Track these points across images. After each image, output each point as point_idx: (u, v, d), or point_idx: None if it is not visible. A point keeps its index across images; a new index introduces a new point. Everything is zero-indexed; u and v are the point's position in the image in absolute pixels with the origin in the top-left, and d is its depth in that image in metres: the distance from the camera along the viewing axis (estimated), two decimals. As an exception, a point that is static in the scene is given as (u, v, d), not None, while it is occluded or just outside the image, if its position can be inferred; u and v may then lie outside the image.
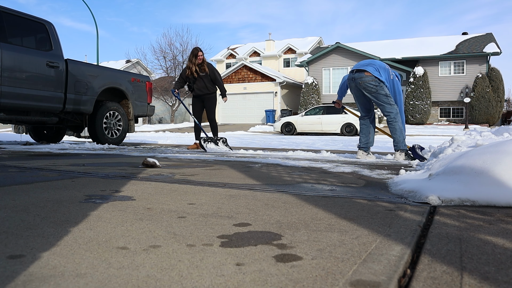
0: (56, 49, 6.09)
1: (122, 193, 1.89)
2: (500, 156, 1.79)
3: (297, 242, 1.10)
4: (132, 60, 37.28)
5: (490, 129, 3.99)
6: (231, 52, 34.56)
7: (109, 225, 1.26)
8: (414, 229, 1.26)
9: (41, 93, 5.80)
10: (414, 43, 26.73)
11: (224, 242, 1.08)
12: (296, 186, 2.24)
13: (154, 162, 3.22)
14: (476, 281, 0.82)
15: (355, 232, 1.22)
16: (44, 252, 0.97)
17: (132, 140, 9.76)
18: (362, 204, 1.71)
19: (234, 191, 2.02)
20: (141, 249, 1.01)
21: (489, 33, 26.00)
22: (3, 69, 5.27)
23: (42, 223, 1.27)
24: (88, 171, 2.82)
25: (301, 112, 20.39)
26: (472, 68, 23.87)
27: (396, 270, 0.87)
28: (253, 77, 28.45)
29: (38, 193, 1.84)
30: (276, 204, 1.66)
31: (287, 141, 10.62)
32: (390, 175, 2.85)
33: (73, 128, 7.24)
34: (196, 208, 1.56)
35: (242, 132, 19.29)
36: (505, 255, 0.99)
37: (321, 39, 34.25)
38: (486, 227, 1.29)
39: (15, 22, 5.67)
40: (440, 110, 24.95)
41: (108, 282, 0.79)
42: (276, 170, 3.17)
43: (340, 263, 0.92)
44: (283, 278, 0.82)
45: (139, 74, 7.85)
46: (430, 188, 1.84)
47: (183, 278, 0.82)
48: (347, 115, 17.40)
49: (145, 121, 32.82)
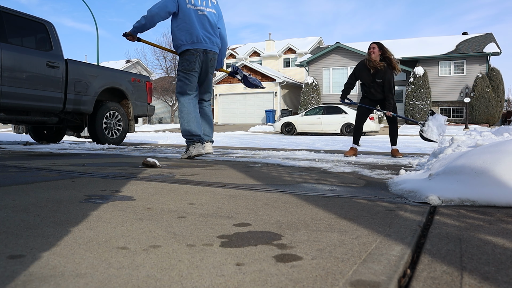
0: (56, 49, 6.09)
1: (122, 193, 1.89)
2: (500, 156, 1.79)
3: (297, 242, 1.10)
4: (132, 60, 37.29)
5: (490, 129, 3.99)
6: (231, 52, 34.57)
7: (109, 225, 1.26)
8: (414, 229, 1.26)
9: (41, 93, 5.80)
10: (414, 43, 26.74)
11: (224, 242, 1.08)
12: (296, 186, 2.24)
13: (154, 162, 3.22)
14: (476, 281, 0.82)
15: (355, 232, 1.22)
16: (44, 252, 0.97)
17: (132, 140, 9.76)
18: (362, 204, 1.71)
19: (234, 191, 2.02)
20: (141, 249, 1.01)
21: (489, 33, 26.01)
22: (3, 69, 5.27)
23: (42, 223, 1.27)
24: (88, 171, 2.82)
25: (301, 112, 20.40)
26: (472, 68, 23.88)
27: (396, 270, 0.87)
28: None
29: (38, 193, 1.84)
30: (276, 204, 1.66)
31: (287, 141, 10.62)
32: (390, 175, 2.85)
33: (73, 128, 7.24)
34: (196, 208, 1.56)
35: (242, 132, 19.29)
36: (505, 255, 0.99)
37: (321, 39, 34.26)
38: (486, 227, 1.29)
39: (15, 22, 5.67)
40: (440, 110, 24.94)
41: (108, 282, 0.79)
42: (276, 170, 3.17)
43: (340, 263, 0.92)
44: (283, 278, 0.82)
45: (139, 74, 7.85)
46: (430, 188, 1.84)
47: (183, 278, 0.82)
48: (347, 115, 17.41)
49: (145, 121, 32.82)
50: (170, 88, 30.85)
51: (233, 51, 34.56)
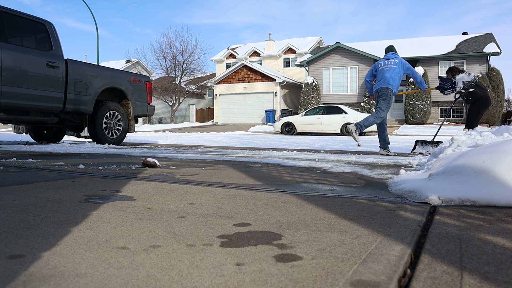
0: (56, 49, 6.09)
1: (122, 193, 1.89)
2: (500, 156, 1.79)
3: (297, 242, 1.10)
4: (132, 60, 37.27)
5: (490, 129, 3.99)
6: (231, 52, 34.55)
7: (109, 225, 1.25)
8: (414, 229, 1.26)
9: (41, 93, 5.80)
10: (414, 43, 26.71)
11: (224, 242, 1.08)
12: (296, 186, 2.23)
13: (154, 162, 3.22)
14: (476, 281, 0.82)
15: (355, 232, 1.22)
16: (44, 252, 0.97)
17: (132, 140, 9.76)
18: (362, 204, 1.71)
19: (234, 191, 2.02)
20: (141, 249, 1.01)
21: (489, 33, 26.00)
22: (3, 69, 5.27)
23: (42, 223, 1.27)
24: (88, 171, 2.82)
25: (301, 112, 20.38)
26: (472, 68, 23.86)
27: (396, 270, 0.87)
28: (253, 77, 28.44)
29: (38, 193, 1.84)
30: (276, 204, 1.66)
31: (287, 141, 10.62)
32: (390, 175, 2.85)
33: (73, 128, 7.24)
34: (196, 208, 1.56)
35: (242, 132, 19.29)
36: (505, 255, 0.99)
37: (321, 39, 34.24)
38: (486, 227, 1.28)
39: (15, 22, 5.66)
40: (440, 110, 24.95)
41: (108, 282, 0.79)
42: (276, 170, 3.17)
43: (340, 263, 0.92)
44: (283, 278, 0.82)
45: (139, 74, 7.84)
46: (430, 188, 1.84)
47: (183, 278, 0.82)
48: (347, 115, 17.40)
49: (145, 121, 32.81)
50: (170, 88, 30.84)
51: (233, 51, 34.53)
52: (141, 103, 7.60)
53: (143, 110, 7.67)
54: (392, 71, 5.76)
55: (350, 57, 25.83)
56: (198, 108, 37.60)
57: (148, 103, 7.82)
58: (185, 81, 33.85)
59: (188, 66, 31.67)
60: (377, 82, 6.01)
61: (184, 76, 32.38)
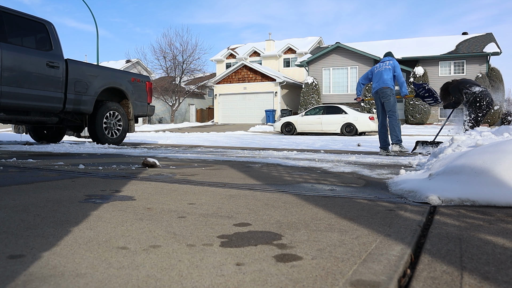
0: (56, 49, 6.09)
1: (122, 193, 1.89)
2: (500, 156, 1.79)
3: (297, 242, 1.10)
4: (132, 60, 37.26)
5: (490, 129, 3.99)
6: (231, 52, 34.55)
7: (109, 225, 1.26)
8: (414, 229, 1.26)
9: (41, 93, 5.80)
10: (414, 43, 26.72)
11: (224, 242, 1.08)
12: (296, 186, 2.23)
13: (154, 162, 3.22)
14: (476, 281, 0.82)
15: (355, 232, 1.22)
16: (44, 252, 0.97)
17: (132, 140, 9.76)
18: (362, 204, 1.71)
19: (234, 191, 2.02)
20: (141, 249, 1.01)
21: (489, 33, 25.99)
22: (3, 69, 5.27)
23: (42, 223, 1.27)
24: (88, 171, 2.82)
25: (301, 112, 20.38)
26: (472, 68, 23.86)
27: (396, 270, 0.87)
28: (253, 77, 28.44)
29: (38, 193, 1.84)
30: (276, 204, 1.66)
31: (287, 141, 10.62)
32: (390, 175, 2.85)
33: (73, 128, 7.24)
34: (196, 208, 1.56)
35: (242, 132, 19.29)
36: (505, 255, 0.99)
37: (321, 39, 34.23)
38: (486, 227, 1.28)
39: (15, 22, 5.66)
40: (440, 110, 24.95)
41: (108, 282, 0.79)
42: (276, 170, 3.17)
43: (340, 263, 0.92)
44: (283, 278, 0.82)
45: (139, 74, 7.85)
46: (430, 188, 1.84)
47: (183, 278, 0.82)
48: (347, 115, 17.39)
49: (145, 121, 32.81)
50: (170, 88, 30.83)
51: (233, 51, 34.54)
52: (141, 103, 7.60)
53: (143, 110, 7.67)
54: (388, 71, 6.17)
55: (350, 57, 25.83)
56: (198, 108, 37.61)
57: (148, 103, 7.82)
58: (185, 81, 33.83)
59: (188, 66, 31.67)
60: (375, 83, 6.25)
61: (184, 76, 32.38)
